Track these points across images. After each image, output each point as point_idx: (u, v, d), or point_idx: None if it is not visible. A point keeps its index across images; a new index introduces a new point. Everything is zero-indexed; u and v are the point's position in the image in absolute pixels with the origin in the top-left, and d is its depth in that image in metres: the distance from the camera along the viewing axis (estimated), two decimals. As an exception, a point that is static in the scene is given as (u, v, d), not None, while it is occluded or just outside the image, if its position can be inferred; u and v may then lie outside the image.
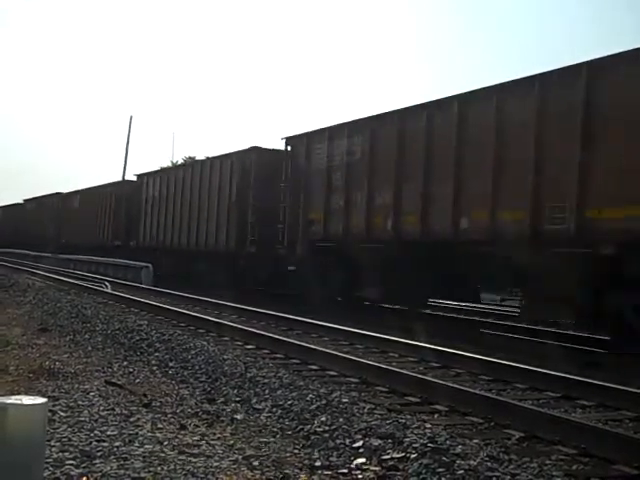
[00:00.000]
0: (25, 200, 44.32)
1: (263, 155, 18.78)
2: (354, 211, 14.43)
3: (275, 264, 17.41)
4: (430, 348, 9.33)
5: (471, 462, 4.44)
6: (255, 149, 19.13)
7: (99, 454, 4.42)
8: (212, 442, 4.93)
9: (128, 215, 26.65)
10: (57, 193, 37.04)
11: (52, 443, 4.49)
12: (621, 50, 9.79)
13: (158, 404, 6.01)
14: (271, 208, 17.15)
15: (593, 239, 9.79)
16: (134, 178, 27.54)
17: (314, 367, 8.55)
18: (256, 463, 4.53)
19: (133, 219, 26.07)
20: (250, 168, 18.88)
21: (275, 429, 5.46)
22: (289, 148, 16.91)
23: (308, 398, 6.13)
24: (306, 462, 4.66)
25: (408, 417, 5.67)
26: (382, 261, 13.69)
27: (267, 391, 6.54)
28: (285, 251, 16.58)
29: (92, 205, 30.61)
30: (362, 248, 14.11)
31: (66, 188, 36.15)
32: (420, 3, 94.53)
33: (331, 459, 4.73)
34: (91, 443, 4.64)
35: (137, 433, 4.96)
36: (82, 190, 33.15)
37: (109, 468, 4.16)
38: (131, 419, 5.35)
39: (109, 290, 18.45)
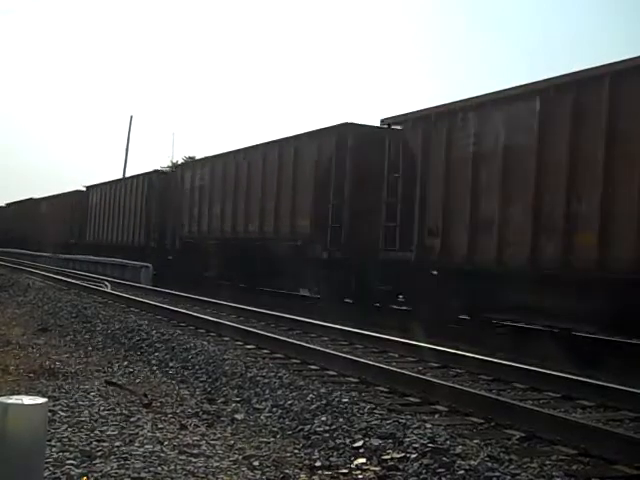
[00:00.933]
0: (7, 204, 48.86)
1: (162, 176, 25.91)
2: (204, 218, 21.21)
3: (165, 254, 24.20)
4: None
5: (471, 462, 4.44)
6: (156, 172, 26.51)
7: (99, 454, 4.42)
8: (212, 442, 4.93)
9: (80, 219, 32.74)
10: (30, 198, 42.17)
11: (52, 443, 4.48)
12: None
13: (158, 404, 6.01)
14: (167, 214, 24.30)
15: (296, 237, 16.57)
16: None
17: (314, 367, 8.56)
18: (256, 463, 4.53)
19: (83, 222, 32.39)
20: (154, 185, 25.29)
21: (275, 429, 5.46)
22: (175, 172, 24.83)
23: (308, 398, 6.12)
24: (306, 462, 4.66)
25: (408, 417, 5.67)
26: (218, 252, 20.30)
27: (267, 391, 6.53)
28: (169, 245, 23.91)
29: (55, 210, 36.63)
30: (208, 244, 21.05)
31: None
32: (421, 5, 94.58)
33: (331, 459, 4.73)
34: (91, 443, 4.64)
35: (137, 433, 4.96)
36: (47, 197, 38.85)
37: (109, 468, 4.16)
38: (131, 419, 5.35)
39: (109, 290, 18.45)
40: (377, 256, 13.67)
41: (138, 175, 27.12)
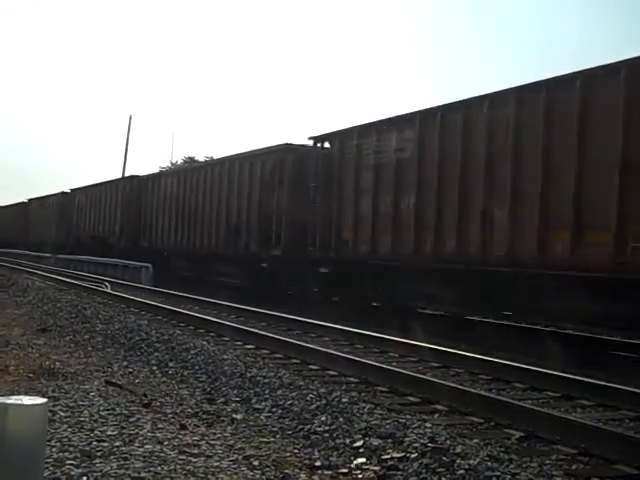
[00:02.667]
0: None
1: (66, 195, 36.60)
2: (82, 223, 33.19)
3: (68, 247, 33.95)
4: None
5: (471, 462, 4.44)
6: (62, 193, 37.36)
7: (99, 454, 4.41)
8: (212, 442, 4.92)
9: (24, 223, 43.89)
10: None
11: (52, 443, 4.48)
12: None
13: (158, 404, 6.01)
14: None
15: (110, 235, 30.33)
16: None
17: (314, 367, 8.56)
18: (256, 463, 4.53)
19: (27, 225, 43.75)
20: (62, 201, 36.69)
21: (275, 429, 5.46)
22: (71, 194, 36.04)
23: (308, 398, 6.13)
24: (306, 462, 4.66)
25: (408, 417, 5.67)
26: (88, 244, 31.36)
27: (267, 391, 6.54)
28: (70, 241, 34.32)
29: (6, 216, 49.57)
30: (84, 239, 32.35)
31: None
32: (421, 5, 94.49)
33: (331, 459, 4.72)
34: (91, 443, 4.63)
35: (137, 433, 4.95)
36: (1, 207, 51.92)
37: (109, 468, 4.16)
38: (131, 419, 5.34)
39: (109, 290, 18.45)
40: (138, 243, 26.28)
41: (55, 194, 38.92)
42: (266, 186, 18.08)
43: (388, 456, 4.67)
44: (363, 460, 4.65)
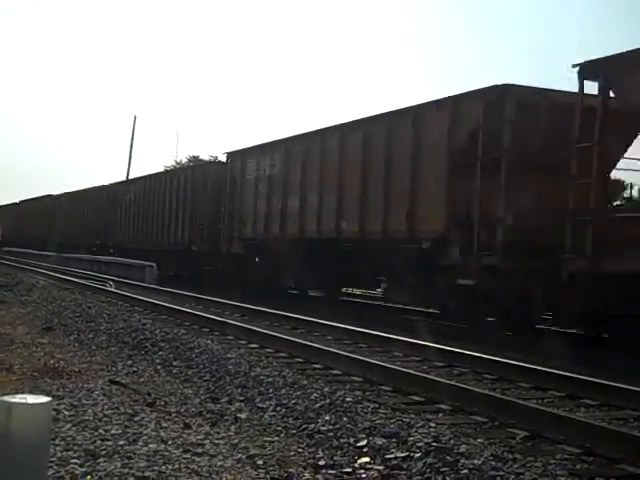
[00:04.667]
0: None
1: (16, 206, 48.90)
2: (18, 227, 46.16)
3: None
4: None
5: (475, 461, 4.44)
6: (15, 203, 48.82)
7: (103, 453, 4.42)
8: (216, 441, 4.93)
9: None
10: None
11: (56, 442, 4.49)
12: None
13: (162, 403, 6.02)
14: None
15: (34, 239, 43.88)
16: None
17: (318, 366, 8.55)
18: (260, 462, 4.53)
19: None
20: (9, 212, 49.87)
21: (279, 428, 5.46)
22: (20, 207, 46.75)
23: (312, 397, 6.12)
24: (310, 461, 4.66)
25: (412, 416, 5.66)
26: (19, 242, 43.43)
27: (271, 390, 6.53)
28: (8, 240, 43.65)
29: None
30: (19, 239, 44.58)
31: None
32: (421, 5, 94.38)
33: (335, 458, 4.72)
34: (95, 442, 4.64)
35: (141, 432, 4.96)
36: None
37: (113, 467, 4.17)
38: (135, 418, 5.35)
39: (113, 289, 18.46)
40: (50, 240, 34.64)
41: (13, 203, 49.53)
42: (104, 206, 32.56)
43: (392, 455, 4.67)
44: (367, 459, 4.65)
